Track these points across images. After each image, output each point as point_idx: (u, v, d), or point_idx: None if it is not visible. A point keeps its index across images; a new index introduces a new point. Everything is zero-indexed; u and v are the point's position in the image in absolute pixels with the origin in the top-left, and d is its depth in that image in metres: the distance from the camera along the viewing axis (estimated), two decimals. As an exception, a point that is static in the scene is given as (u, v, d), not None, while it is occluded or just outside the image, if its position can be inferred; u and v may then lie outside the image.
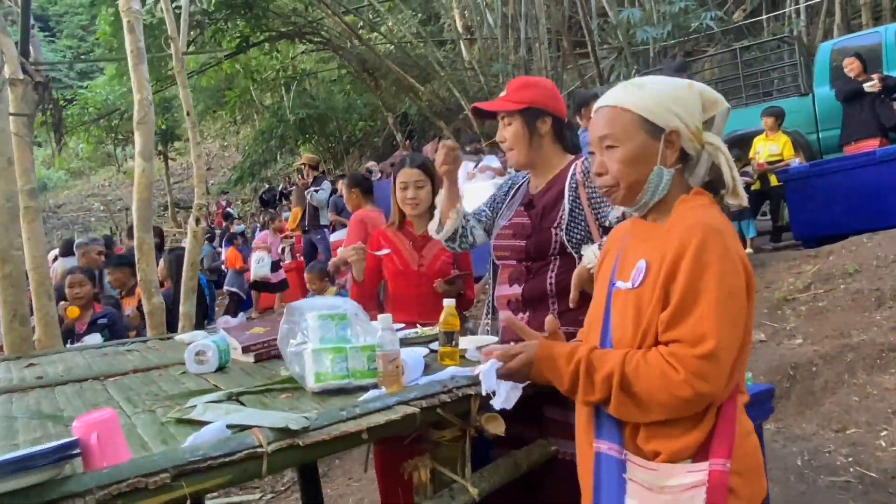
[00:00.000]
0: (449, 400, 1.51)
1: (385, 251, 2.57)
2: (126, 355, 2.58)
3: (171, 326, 4.05)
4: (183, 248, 4.04)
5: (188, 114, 3.85)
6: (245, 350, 2.12)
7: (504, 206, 2.14)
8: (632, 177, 1.29)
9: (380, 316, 1.60)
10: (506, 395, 1.39)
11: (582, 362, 1.24)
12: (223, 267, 10.01)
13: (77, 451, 1.16)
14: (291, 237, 10.37)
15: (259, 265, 9.18)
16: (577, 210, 1.91)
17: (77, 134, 17.61)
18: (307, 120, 19.25)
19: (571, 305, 1.84)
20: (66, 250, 7.49)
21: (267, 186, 19.91)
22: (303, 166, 8.93)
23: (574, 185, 1.94)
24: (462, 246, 2.23)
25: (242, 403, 1.58)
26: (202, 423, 1.39)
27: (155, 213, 22.40)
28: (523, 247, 1.94)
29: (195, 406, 1.54)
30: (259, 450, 1.25)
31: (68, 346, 3.39)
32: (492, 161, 7.66)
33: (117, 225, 20.32)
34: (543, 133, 1.98)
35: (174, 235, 17.38)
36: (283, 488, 3.82)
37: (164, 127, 18.62)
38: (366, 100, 19.63)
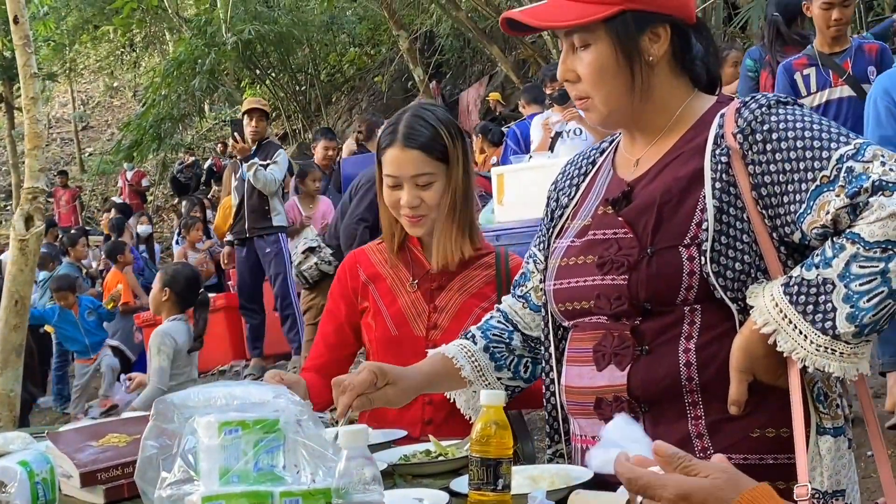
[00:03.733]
0: None
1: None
2: None
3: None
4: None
5: (15, 20, 3.67)
6: (88, 480, 2.00)
7: (568, 207, 2.04)
8: None
9: (343, 430, 1.44)
10: None
11: None
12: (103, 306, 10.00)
13: None
14: (216, 249, 10.35)
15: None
16: (731, 210, 1.78)
17: None
18: (258, 44, 19.40)
19: (733, 410, 1.72)
20: None
21: (186, 160, 20.10)
22: (244, 119, 8.71)
23: (723, 159, 1.80)
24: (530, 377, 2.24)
25: None
26: None
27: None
28: (624, 287, 1.82)
29: None
30: None
31: None
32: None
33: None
34: (656, 57, 1.87)
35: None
36: None
37: (6, 54, 18.86)
38: (361, 10, 19.72)
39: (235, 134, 8.25)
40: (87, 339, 9.29)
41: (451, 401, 2.29)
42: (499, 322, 2.18)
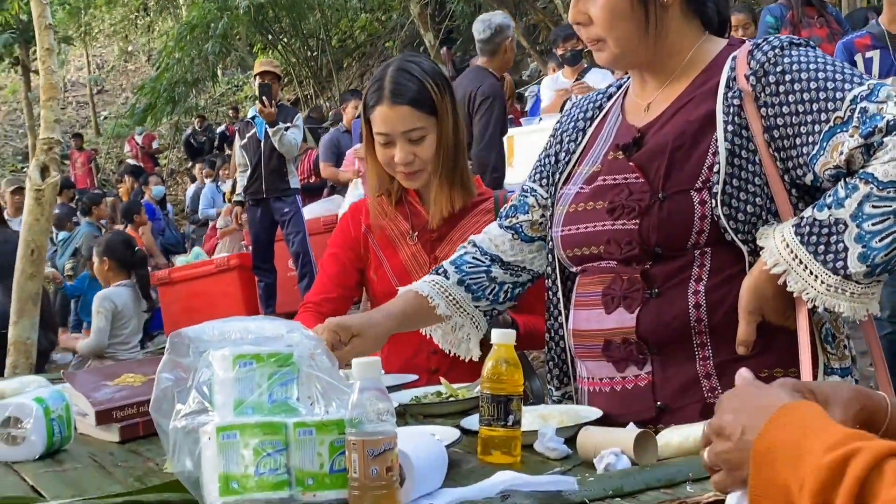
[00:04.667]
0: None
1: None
2: None
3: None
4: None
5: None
6: (103, 418, 2.01)
7: (575, 153, 2.02)
8: None
9: (356, 362, 1.42)
10: None
11: (855, 465, 0.91)
12: None
13: None
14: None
15: None
16: (743, 153, 1.76)
17: None
18: (270, 9, 19.28)
19: (741, 350, 1.71)
20: None
21: (197, 125, 20.07)
22: (260, 80, 8.49)
23: (735, 102, 1.78)
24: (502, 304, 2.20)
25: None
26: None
27: (8, 163, 22.98)
28: (635, 231, 1.81)
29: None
30: None
31: None
32: (600, 77, 7.40)
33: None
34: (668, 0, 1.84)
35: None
36: None
37: (24, 17, 18.77)
38: (373, -26, 19.57)
39: (263, 98, 8.17)
40: None
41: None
42: (473, 258, 2.12)
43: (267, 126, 8.21)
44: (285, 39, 20.81)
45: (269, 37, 20.63)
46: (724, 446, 1.07)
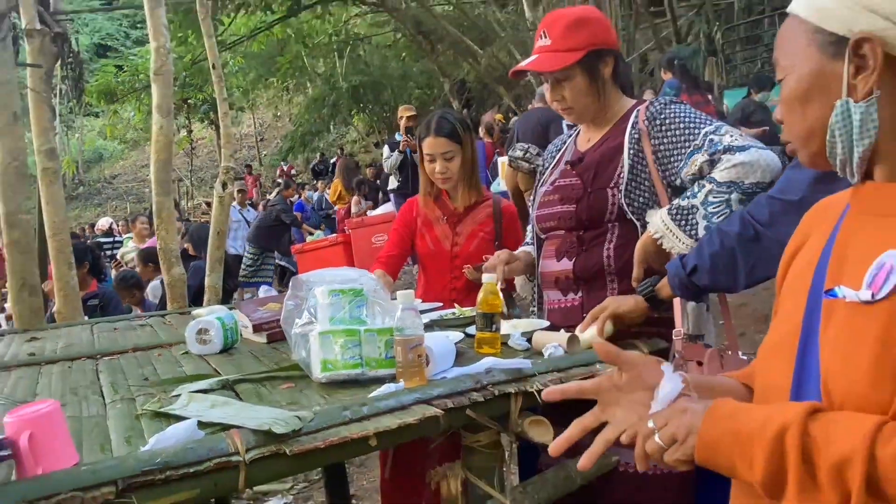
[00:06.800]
0: (482, 399, 1.28)
1: None
2: (136, 331, 2.49)
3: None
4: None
5: (213, 66, 3.69)
6: (256, 329, 2.02)
7: (548, 169, 2.00)
8: (802, 123, 0.84)
9: (399, 293, 1.41)
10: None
11: (790, 437, 0.74)
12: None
13: (6, 453, 0.98)
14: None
15: None
16: (638, 166, 1.74)
17: (129, 102, 17.97)
18: (361, 88, 19.21)
19: (634, 284, 1.69)
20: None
21: (318, 159, 20.06)
22: (405, 123, 7.92)
23: (636, 136, 1.75)
24: None
25: (237, 394, 1.43)
26: (181, 419, 1.24)
27: (208, 183, 23.08)
28: (573, 212, 1.79)
29: (180, 395, 1.39)
30: (235, 458, 1.05)
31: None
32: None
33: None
34: (607, 76, 1.81)
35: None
36: (316, 477, 3.68)
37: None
38: (422, 66, 19.45)
39: (408, 136, 7.84)
40: None
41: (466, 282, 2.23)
42: None
43: (410, 151, 7.90)
44: (370, 107, 20.70)
45: (360, 105, 20.53)
46: (674, 423, 0.82)
